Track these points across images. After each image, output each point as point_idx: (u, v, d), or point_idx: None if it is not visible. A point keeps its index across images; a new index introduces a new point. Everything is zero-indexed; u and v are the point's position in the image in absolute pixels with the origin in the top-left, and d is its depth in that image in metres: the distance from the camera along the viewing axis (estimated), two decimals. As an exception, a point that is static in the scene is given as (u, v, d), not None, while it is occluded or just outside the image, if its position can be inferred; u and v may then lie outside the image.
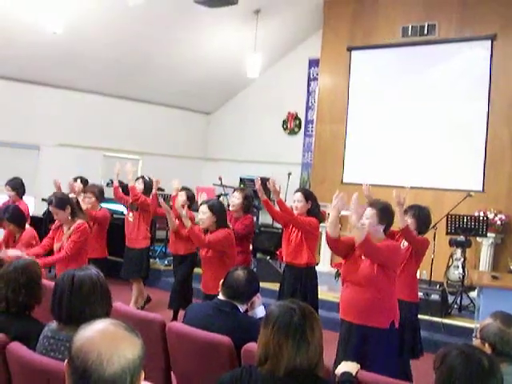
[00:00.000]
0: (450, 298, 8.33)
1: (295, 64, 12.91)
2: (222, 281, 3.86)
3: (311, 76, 12.73)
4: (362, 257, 4.70)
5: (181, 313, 7.48)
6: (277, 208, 6.66)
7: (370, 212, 4.76)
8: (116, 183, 8.34)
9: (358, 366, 3.20)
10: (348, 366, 3.20)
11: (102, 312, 3.08)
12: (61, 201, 5.85)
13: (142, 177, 8.53)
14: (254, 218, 9.78)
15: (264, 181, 11.92)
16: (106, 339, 1.86)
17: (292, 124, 13.14)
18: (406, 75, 10.87)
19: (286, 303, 2.73)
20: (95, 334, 1.89)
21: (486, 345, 3.08)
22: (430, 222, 6.14)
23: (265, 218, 12.76)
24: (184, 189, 7.86)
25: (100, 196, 7.67)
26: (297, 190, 6.68)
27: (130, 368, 1.83)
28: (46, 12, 9.10)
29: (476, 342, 3.17)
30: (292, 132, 13.16)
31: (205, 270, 5.87)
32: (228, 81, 13.24)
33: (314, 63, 12.53)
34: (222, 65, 12.40)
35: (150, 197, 8.07)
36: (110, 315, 4.22)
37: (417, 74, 10.74)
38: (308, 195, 6.54)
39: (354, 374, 3.11)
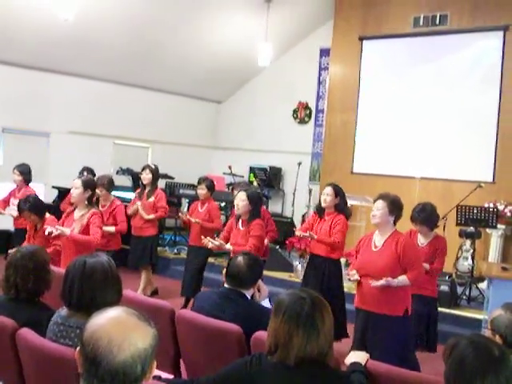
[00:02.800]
0: (459, 290, 8.33)
1: (306, 53, 12.85)
2: (224, 270, 3.88)
3: (322, 65, 12.67)
4: (373, 248, 4.84)
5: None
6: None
7: (381, 204, 4.91)
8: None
9: (367, 355, 3.19)
10: (357, 356, 3.18)
11: (113, 299, 3.09)
12: (88, 182, 5.87)
13: (148, 166, 8.45)
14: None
15: (275, 171, 12.01)
16: (117, 327, 1.87)
17: (302, 113, 13.09)
18: (417, 65, 10.81)
19: (296, 292, 2.73)
20: (107, 321, 1.89)
21: (497, 336, 3.06)
22: (437, 217, 6.28)
23: (275, 208, 12.80)
24: (203, 180, 7.90)
25: (110, 187, 7.65)
26: (328, 184, 6.61)
27: (141, 357, 1.83)
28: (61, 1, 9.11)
29: (487, 333, 3.16)
30: (302, 121, 13.12)
31: None
32: (239, 70, 13.20)
33: (325, 52, 12.47)
34: (233, 54, 12.37)
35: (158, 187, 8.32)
36: (120, 302, 4.28)
37: (428, 65, 10.68)
38: (338, 191, 6.51)
39: (363, 363, 3.10)
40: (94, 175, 8.50)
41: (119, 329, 1.86)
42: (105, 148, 12.26)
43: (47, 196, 10.51)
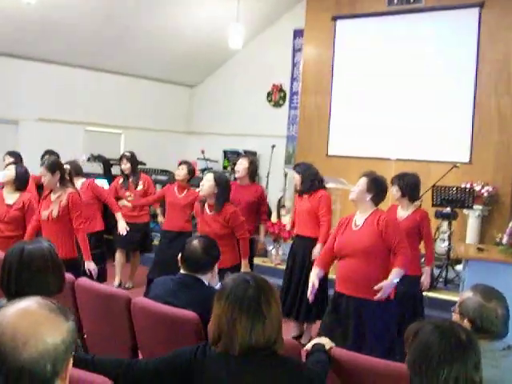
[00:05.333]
0: (436, 272, 8.19)
1: (280, 35, 12.63)
2: (180, 255, 3.67)
3: (296, 47, 12.46)
4: (354, 227, 4.70)
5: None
6: None
7: (361, 181, 4.85)
8: None
9: (332, 344, 3.00)
10: (321, 341, 3.01)
11: (54, 288, 2.90)
12: (52, 164, 5.65)
13: (124, 155, 8.40)
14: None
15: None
16: (24, 320, 1.65)
17: (277, 96, 12.88)
18: (391, 45, 10.61)
19: (240, 275, 2.54)
20: (14, 313, 1.67)
21: (465, 320, 2.88)
22: (419, 188, 6.16)
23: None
24: (184, 162, 7.72)
25: (76, 171, 7.42)
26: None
27: (51, 354, 1.62)
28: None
29: (455, 316, 2.97)
30: (277, 104, 12.91)
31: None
32: (211, 53, 12.95)
33: (298, 34, 12.25)
34: (205, 36, 12.12)
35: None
36: (75, 290, 4.07)
37: (403, 44, 10.49)
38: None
39: (326, 347, 2.92)
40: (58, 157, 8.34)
41: (26, 322, 1.65)
42: (76, 135, 11.98)
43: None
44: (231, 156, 12.43)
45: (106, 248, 7.83)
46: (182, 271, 3.64)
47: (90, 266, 5.61)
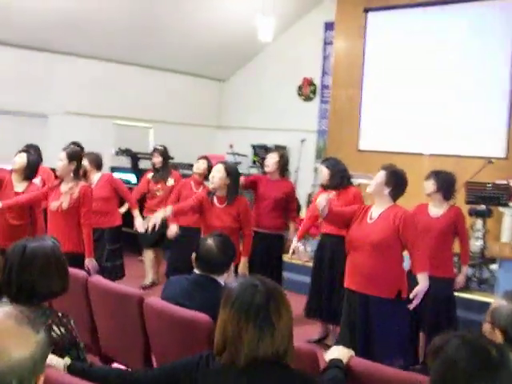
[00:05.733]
0: (470, 272, 7.90)
1: (310, 28, 12.38)
2: (193, 254, 3.48)
3: (327, 40, 12.20)
4: (369, 220, 4.50)
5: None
6: None
7: (380, 174, 4.63)
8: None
9: (352, 352, 2.79)
10: (339, 352, 2.78)
11: (57, 288, 2.75)
12: (73, 153, 5.56)
13: (156, 149, 8.31)
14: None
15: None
16: None
17: (307, 90, 12.63)
18: (424, 37, 10.29)
19: (248, 279, 2.30)
20: None
21: (497, 330, 2.64)
22: (454, 187, 5.82)
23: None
24: (204, 157, 7.59)
25: (96, 164, 7.29)
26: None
27: (16, 370, 1.45)
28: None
29: (486, 326, 2.72)
30: (307, 98, 12.66)
31: None
32: (241, 46, 12.77)
33: (329, 26, 12.00)
34: (235, 29, 11.94)
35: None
36: (88, 288, 3.92)
37: (436, 35, 10.17)
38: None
39: (345, 360, 2.70)
40: (82, 150, 8.25)
41: None
42: (105, 129, 11.87)
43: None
44: (260, 150, 12.21)
45: (124, 243, 7.65)
46: (196, 271, 3.46)
47: (91, 263, 5.43)
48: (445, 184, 5.60)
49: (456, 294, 7.13)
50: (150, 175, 8.21)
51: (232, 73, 13.96)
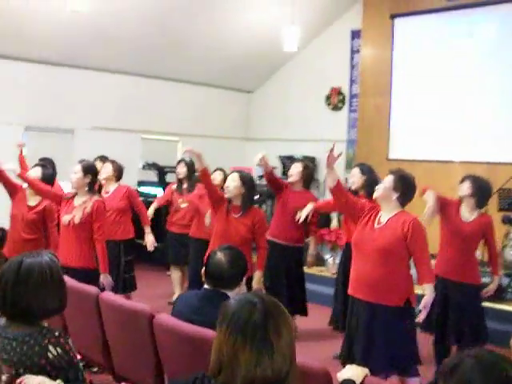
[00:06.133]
0: (505, 282, 7.64)
1: (337, 36, 12.24)
2: (203, 268, 3.34)
3: (354, 48, 12.05)
4: (376, 225, 4.35)
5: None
6: None
7: (387, 178, 4.48)
8: None
9: (367, 371, 2.62)
10: (353, 371, 2.61)
11: (54, 306, 2.64)
12: (88, 166, 5.48)
13: (183, 159, 8.22)
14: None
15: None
16: None
17: (336, 99, 12.49)
18: (453, 42, 10.09)
19: (246, 296, 2.13)
20: None
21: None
22: (489, 195, 5.68)
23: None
24: (220, 169, 7.49)
25: (117, 173, 7.22)
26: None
27: None
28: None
29: None
30: (336, 108, 12.51)
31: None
32: (268, 57, 12.68)
33: (356, 34, 11.85)
34: (260, 40, 11.85)
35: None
36: (100, 305, 3.82)
37: (465, 39, 9.96)
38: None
39: (359, 381, 2.53)
40: (120, 166, 8.19)
41: None
42: (132, 143, 11.88)
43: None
44: (286, 161, 12.07)
45: (137, 255, 7.52)
46: (206, 286, 3.32)
47: (106, 279, 5.33)
48: (480, 190, 5.43)
49: (490, 305, 6.96)
50: (174, 186, 8.10)
51: (259, 84, 13.88)
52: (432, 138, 10.31)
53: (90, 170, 5.42)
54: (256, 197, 10.04)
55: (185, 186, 7.91)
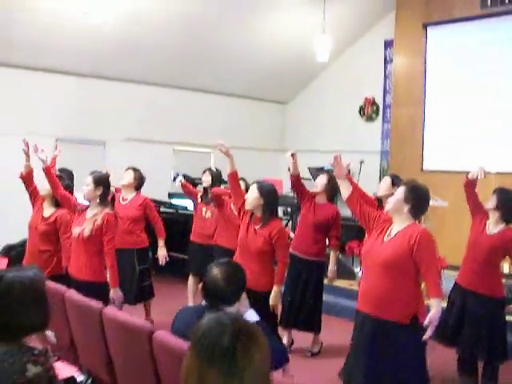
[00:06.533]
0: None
1: (370, 46, 12.12)
2: (201, 284, 3.24)
3: (387, 58, 11.89)
4: (386, 238, 4.20)
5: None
6: None
7: (399, 189, 4.31)
8: (182, 178, 7.90)
9: None
10: None
11: (35, 323, 2.56)
12: (99, 178, 5.42)
13: (209, 168, 8.14)
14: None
15: (331, 173, 11.24)
16: None
17: (369, 110, 12.33)
18: (487, 50, 9.88)
19: (218, 316, 1.96)
20: None
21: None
22: None
23: (344, 211, 12.07)
24: (241, 179, 7.35)
25: (138, 181, 7.15)
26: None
27: None
28: (96, 4, 8.76)
29: None
30: (369, 118, 12.36)
31: (250, 263, 5.15)
32: (302, 67, 12.60)
33: (389, 44, 11.70)
34: (293, 50, 11.77)
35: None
36: (103, 320, 3.75)
37: (500, 48, 9.74)
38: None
39: None
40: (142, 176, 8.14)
41: None
42: (164, 155, 11.90)
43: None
44: (315, 172, 11.93)
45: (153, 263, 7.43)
46: (203, 302, 3.22)
47: (116, 294, 5.23)
48: (506, 204, 5.25)
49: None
50: (199, 194, 7.97)
51: (294, 95, 13.81)
52: (467, 148, 10.09)
53: (101, 182, 5.37)
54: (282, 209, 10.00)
55: (210, 195, 7.76)
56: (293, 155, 6.32)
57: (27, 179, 6.05)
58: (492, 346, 5.15)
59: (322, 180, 6.55)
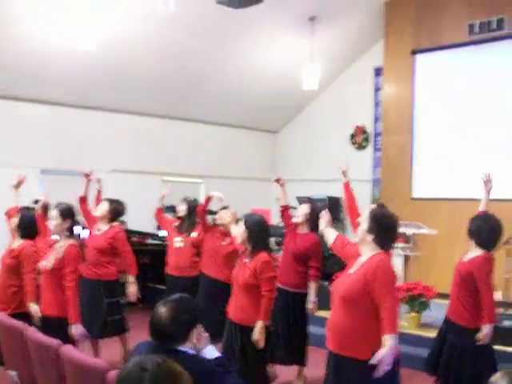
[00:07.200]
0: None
1: (360, 74, 12.11)
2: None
3: (377, 86, 11.84)
4: (350, 270, 3.96)
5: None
6: None
7: (365, 214, 4.03)
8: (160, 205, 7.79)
9: None
10: None
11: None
12: (66, 210, 5.20)
13: (185, 198, 7.98)
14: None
15: (333, 201, 11.15)
16: None
17: (360, 138, 12.24)
18: (476, 76, 9.84)
19: (141, 359, 1.86)
20: None
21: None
22: (493, 235, 5.11)
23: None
24: (227, 207, 7.20)
25: (112, 214, 6.96)
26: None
27: None
28: (79, 31, 8.65)
29: None
30: (360, 147, 12.28)
31: (240, 297, 5.07)
32: (291, 96, 12.55)
33: (379, 72, 11.66)
34: (283, 80, 11.74)
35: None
36: (60, 358, 3.58)
37: (489, 75, 9.70)
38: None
39: None
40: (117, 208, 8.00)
41: None
42: (153, 186, 11.72)
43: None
44: (303, 202, 11.82)
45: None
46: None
47: (76, 330, 4.91)
48: (475, 232, 5.05)
49: (503, 348, 6.52)
50: (176, 223, 7.77)
51: (284, 124, 13.76)
52: (456, 175, 10.01)
53: (68, 214, 5.19)
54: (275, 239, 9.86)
55: (184, 224, 7.58)
56: (277, 180, 6.29)
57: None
58: (465, 375, 4.92)
59: (304, 210, 6.40)
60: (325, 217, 4.46)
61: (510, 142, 9.45)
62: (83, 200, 6.93)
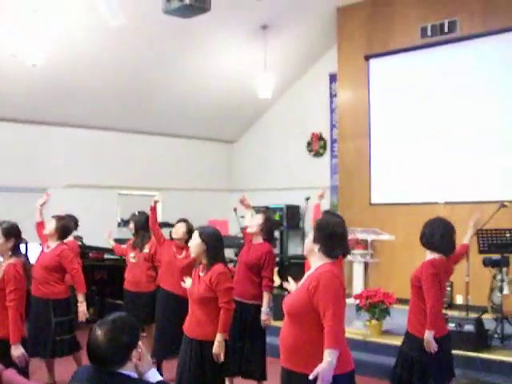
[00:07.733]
0: (491, 326, 7.13)
1: (315, 81, 12.06)
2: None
3: (333, 92, 11.79)
4: (299, 284, 3.78)
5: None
6: None
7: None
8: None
9: None
10: None
11: None
12: (9, 229, 4.97)
13: (132, 214, 8.15)
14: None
15: (292, 210, 11.03)
16: None
17: (317, 145, 12.19)
18: (429, 79, 9.82)
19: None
20: None
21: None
22: (440, 238, 4.90)
23: (295, 249, 11.85)
24: (183, 220, 7.04)
25: (60, 232, 6.74)
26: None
27: None
28: (26, 45, 8.47)
29: None
30: (318, 154, 12.22)
31: (196, 312, 4.88)
32: (247, 106, 12.46)
33: (334, 78, 11.60)
34: (237, 89, 11.67)
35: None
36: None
37: (442, 77, 9.69)
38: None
39: None
40: (77, 223, 8.19)
41: None
42: (109, 200, 11.57)
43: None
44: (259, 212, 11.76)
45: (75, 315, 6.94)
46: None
47: (17, 351, 4.68)
48: (429, 235, 4.92)
49: (474, 354, 6.47)
50: (132, 240, 7.81)
51: (240, 134, 13.67)
52: (414, 179, 9.99)
53: (12, 233, 5.00)
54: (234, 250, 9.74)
55: (137, 240, 7.64)
56: (242, 201, 6.40)
57: None
58: None
59: (257, 220, 6.26)
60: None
61: (464, 144, 9.45)
62: (40, 225, 6.89)
